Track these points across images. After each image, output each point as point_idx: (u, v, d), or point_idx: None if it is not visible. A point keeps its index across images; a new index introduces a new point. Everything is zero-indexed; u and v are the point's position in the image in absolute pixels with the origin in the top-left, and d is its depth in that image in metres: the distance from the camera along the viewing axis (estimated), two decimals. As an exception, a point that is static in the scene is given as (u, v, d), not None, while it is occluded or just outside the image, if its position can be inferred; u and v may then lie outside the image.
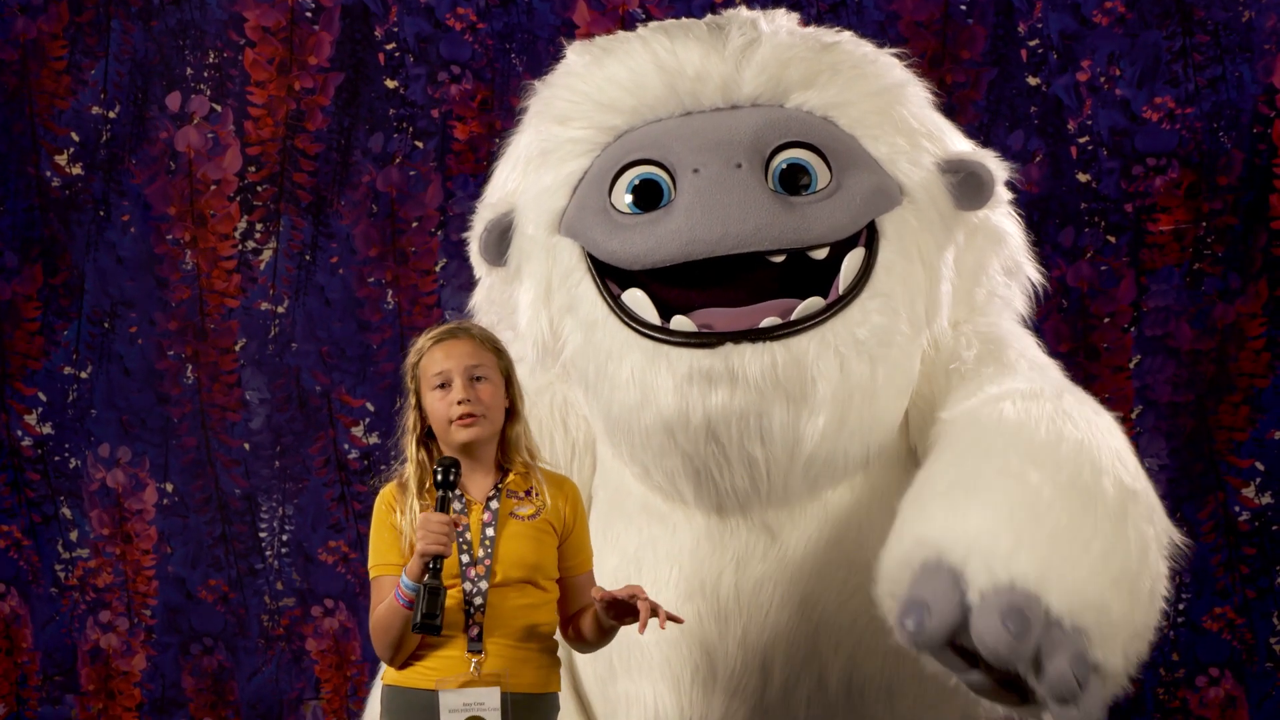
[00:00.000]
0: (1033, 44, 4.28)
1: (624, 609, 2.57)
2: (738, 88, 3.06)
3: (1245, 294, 4.19)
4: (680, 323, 2.90)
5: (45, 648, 4.48)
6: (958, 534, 2.49)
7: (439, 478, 2.57)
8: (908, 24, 4.29)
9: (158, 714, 4.44)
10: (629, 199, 3.00)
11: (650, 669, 2.98)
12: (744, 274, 2.92)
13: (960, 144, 3.19)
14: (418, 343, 2.71)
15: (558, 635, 2.70)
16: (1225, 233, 4.20)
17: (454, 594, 2.57)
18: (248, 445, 4.43)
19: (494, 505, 2.65)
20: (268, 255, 4.44)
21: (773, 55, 3.07)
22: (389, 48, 4.43)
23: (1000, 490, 2.55)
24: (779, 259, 2.91)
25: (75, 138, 4.49)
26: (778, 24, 3.14)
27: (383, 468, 2.77)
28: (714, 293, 2.92)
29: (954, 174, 3.07)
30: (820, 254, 2.94)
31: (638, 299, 2.95)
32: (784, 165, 2.98)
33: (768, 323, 2.86)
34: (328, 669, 4.42)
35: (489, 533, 2.62)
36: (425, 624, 2.51)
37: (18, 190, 4.49)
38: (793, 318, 2.87)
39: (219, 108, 4.45)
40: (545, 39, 4.35)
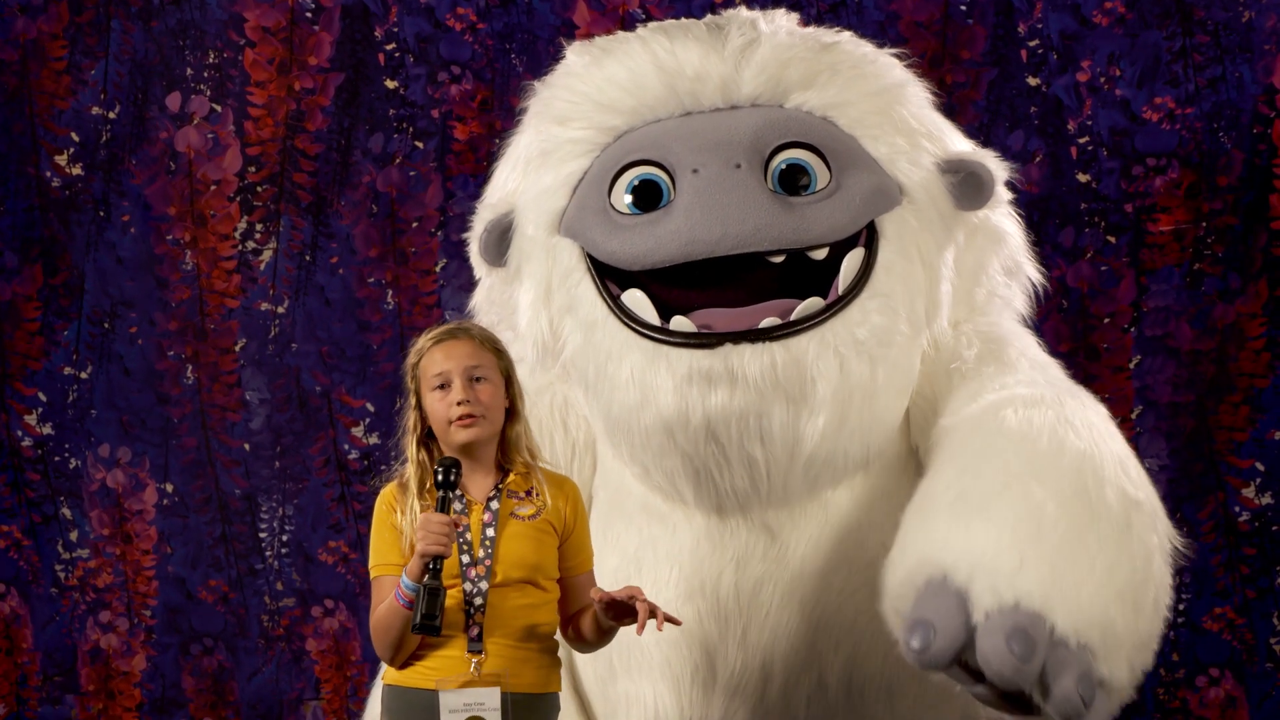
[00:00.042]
0: (1033, 44, 4.27)
1: (623, 610, 2.57)
2: (737, 88, 3.05)
3: (1245, 294, 4.18)
4: (680, 323, 2.89)
5: (45, 648, 4.48)
6: (962, 552, 2.49)
7: (439, 478, 2.57)
8: (908, 24, 4.29)
9: (158, 714, 4.44)
10: (629, 199, 3.00)
11: (650, 669, 2.98)
12: (743, 274, 2.91)
13: (960, 144, 3.19)
14: (418, 343, 2.71)
15: (558, 635, 2.70)
16: (1225, 233, 4.19)
17: (454, 594, 2.57)
18: (248, 445, 4.43)
19: (494, 505, 2.65)
20: (268, 255, 4.44)
21: (772, 55, 3.06)
22: (389, 48, 4.43)
23: (1004, 506, 2.55)
24: (778, 259, 2.91)
25: (75, 138, 4.48)
26: (777, 24, 3.14)
27: (383, 468, 2.76)
28: (713, 293, 2.92)
29: (954, 174, 3.07)
30: (820, 254, 2.94)
31: (637, 299, 2.95)
32: (783, 165, 2.98)
33: (767, 323, 2.85)
34: (328, 669, 4.42)
35: (489, 533, 2.62)
36: (425, 624, 2.51)
37: (18, 190, 4.48)
38: (792, 318, 2.86)
39: (219, 108, 4.45)
40: (545, 39, 4.35)
